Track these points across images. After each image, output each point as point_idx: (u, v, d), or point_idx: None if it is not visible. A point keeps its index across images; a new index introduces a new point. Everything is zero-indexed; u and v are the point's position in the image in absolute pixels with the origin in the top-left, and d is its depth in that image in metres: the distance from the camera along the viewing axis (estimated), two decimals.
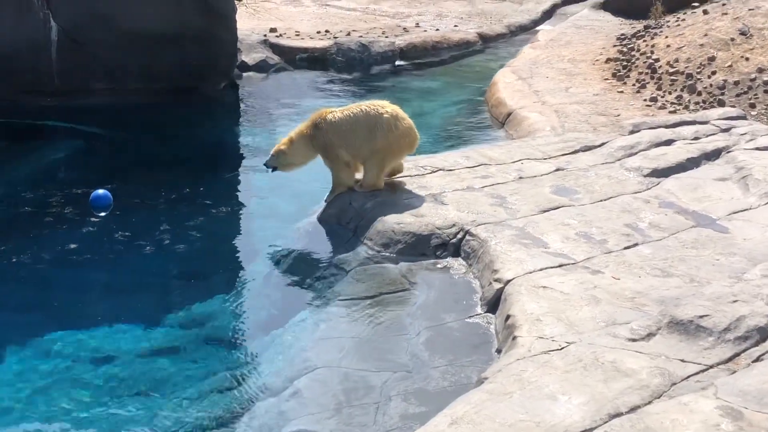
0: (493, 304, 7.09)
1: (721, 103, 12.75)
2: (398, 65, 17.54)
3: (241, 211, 10.66)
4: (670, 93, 13.39)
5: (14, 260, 9.00)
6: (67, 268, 8.94)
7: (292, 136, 9.08)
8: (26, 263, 8.99)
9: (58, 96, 14.02)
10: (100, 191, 10.07)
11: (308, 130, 9.00)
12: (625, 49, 15.31)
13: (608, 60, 15.15)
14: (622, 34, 16.45)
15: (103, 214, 9.95)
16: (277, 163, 9.16)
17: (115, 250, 9.27)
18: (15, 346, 7.53)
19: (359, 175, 9.03)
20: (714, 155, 10.04)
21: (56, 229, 9.69)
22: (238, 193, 11.34)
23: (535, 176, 9.30)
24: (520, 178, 9.26)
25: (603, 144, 10.32)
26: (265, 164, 9.31)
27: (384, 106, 8.89)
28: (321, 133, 8.91)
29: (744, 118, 11.54)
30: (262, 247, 9.23)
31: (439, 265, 7.90)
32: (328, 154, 8.99)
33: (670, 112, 12.71)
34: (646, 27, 16.25)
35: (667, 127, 10.92)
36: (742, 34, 13.98)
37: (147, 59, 14.23)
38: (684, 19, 15.62)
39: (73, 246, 9.28)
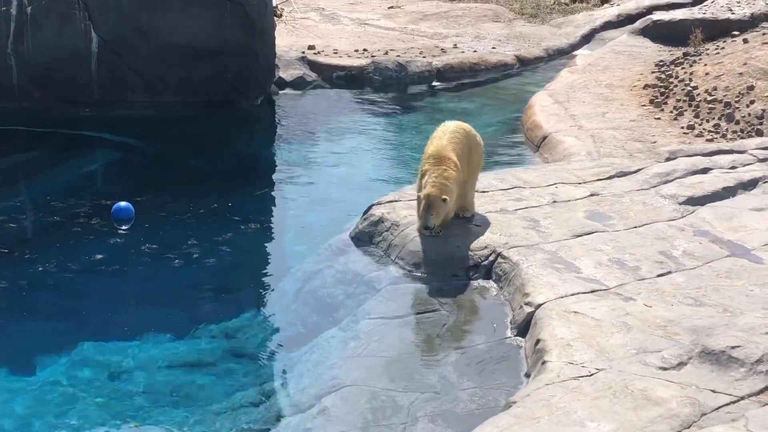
0: (523, 328, 7.05)
1: (759, 133, 12.65)
2: (435, 86, 17.55)
3: (273, 227, 10.70)
4: (707, 121, 13.30)
5: (46, 269, 9.08)
6: (98, 279, 9.01)
7: (445, 181, 8.10)
8: (58, 272, 9.06)
9: (96, 107, 14.16)
10: (122, 204, 10.10)
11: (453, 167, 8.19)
12: (663, 76, 15.24)
13: (646, 86, 15.08)
14: (661, 61, 16.37)
15: (125, 227, 10.00)
16: (433, 221, 8.18)
17: (145, 262, 9.33)
18: (45, 354, 7.60)
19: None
20: (751, 185, 9.96)
21: (88, 240, 9.76)
22: (271, 209, 11.38)
23: (569, 200, 9.25)
24: (554, 202, 9.22)
25: (639, 170, 10.26)
26: (427, 227, 8.21)
27: (458, 124, 8.80)
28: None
29: None
30: (293, 263, 9.26)
31: (470, 287, 7.88)
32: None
33: (708, 140, 12.63)
34: (685, 54, 16.16)
35: (703, 155, 10.84)
36: None
37: (185, 72, 14.35)
38: (723, 48, 15.53)
39: (104, 257, 9.35)
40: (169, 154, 12.90)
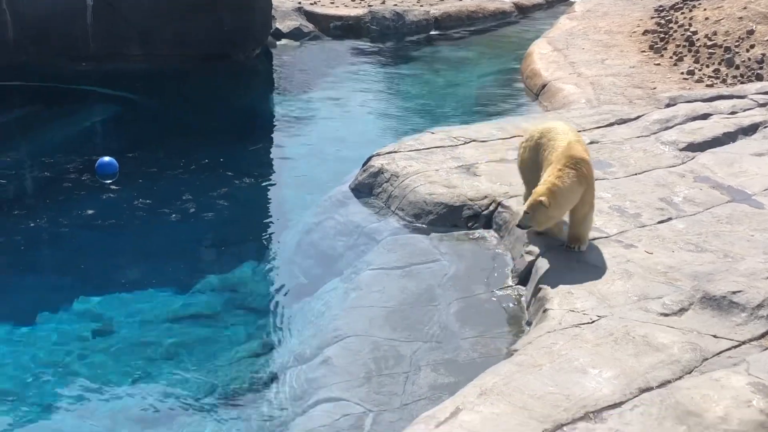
0: (524, 277, 7.05)
1: (759, 77, 12.59)
2: (433, 35, 17.44)
3: (273, 180, 10.67)
4: (707, 66, 13.23)
5: (45, 225, 9.09)
6: (97, 234, 9.01)
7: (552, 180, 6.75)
8: (57, 228, 9.07)
9: (92, 61, 14.08)
10: (106, 159, 10.08)
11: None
12: (662, 21, 15.14)
13: (645, 32, 14.98)
14: (660, 6, 16.25)
15: (109, 181, 9.98)
16: (532, 221, 6.85)
17: (144, 217, 9.32)
18: (46, 309, 7.62)
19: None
20: (751, 130, 9.93)
21: (86, 195, 9.75)
22: (270, 161, 11.35)
23: None
24: None
25: (639, 117, 10.22)
26: (518, 225, 7.00)
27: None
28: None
29: None
30: (294, 216, 9.25)
31: (470, 237, 7.87)
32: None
33: (707, 85, 12.57)
34: None
35: (703, 100, 10.80)
36: None
37: (181, 25, 14.24)
38: None
39: (102, 212, 9.34)
40: (166, 109, 12.85)
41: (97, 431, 6.24)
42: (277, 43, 16.02)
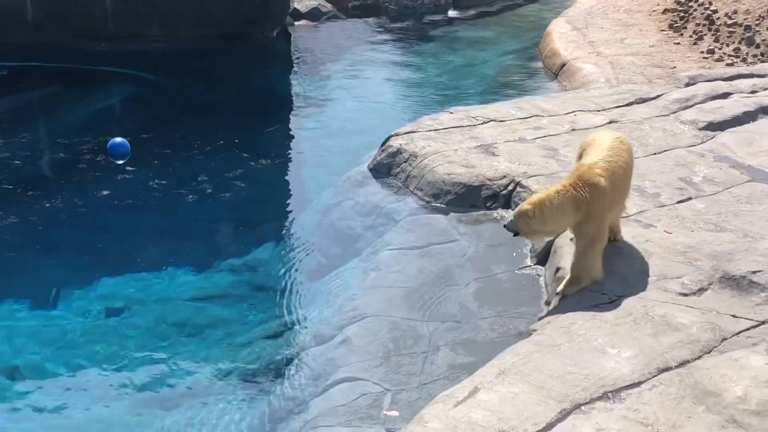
0: (542, 257, 7.05)
1: None
2: (451, 15, 17.38)
3: (291, 160, 10.69)
4: (727, 45, 13.15)
5: (65, 205, 9.14)
6: (117, 214, 9.07)
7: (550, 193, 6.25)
8: (77, 208, 9.12)
9: (112, 41, 14.12)
10: (118, 139, 10.11)
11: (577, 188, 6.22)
12: (682, 0, 15.03)
13: (665, 11, 14.88)
14: None
15: (121, 162, 10.02)
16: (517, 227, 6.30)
17: (164, 197, 9.36)
18: (68, 289, 7.68)
19: None
20: None
21: (106, 175, 9.80)
22: (288, 142, 11.36)
23: (588, 128, 9.19)
24: (573, 130, 9.16)
25: (658, 96, 10.18)
26: (504, 226, 6.49)
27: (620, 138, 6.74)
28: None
29: None
30: (313, 196, 9.27)
31: (489, 217, 7.87)
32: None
33: (728, 64, 12.49)
34: None
35: (723, 80, 10.73)
36: None
37: (200, 5, 14.26)
38: None
39: (123, 192, 9.39)
40: (186, 89, 12.87)
41: (118, 410, 6.29)
42: (296, 23, 16.02)
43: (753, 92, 10.33)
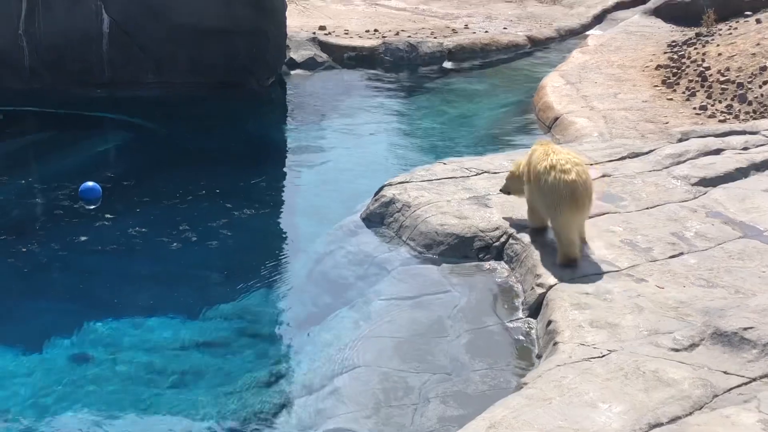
0: (534, 309, 7.05)
1: None
2: (446, 66, 17.49)
3: (284, 208, 10.69)
4: (720, 102, 13.24)
5: (57, 250, 9.10)
6: (109, 260, 9.03)
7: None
8: (66, 254, 9.08)
9: (108, 87, 14.17)
10: (89, 183, 10.11)
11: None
12: (675, 57, 15.16)
13: (658, 67, 15.01)
14: (673, 41, 16.30)
15: (92, 207, 10.01)
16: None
17: (156, 243, 9.33)
18: (56, 335, 7.62)
19: None
20: (763, 166, 9.89)
21: (100, 221, 9.78)
22: (282, 190, 11.37)
23: None
24: None
25: (651, 151, 10.22)
26: (500, 190, 8.43)
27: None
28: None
29: None
30: (305, 245, 9.26)
31: (481, 268, 7.87)
32: None
33: (720, 121, 12.57)
34: (697, 35, 16.08)
35: (716, 136, 10.79)
36: None
37: (196, 53, 14.34)
38: (736, 28, 15.44)
39: (115, 237, 9.36)
40: (181, 135, 12.90)
41: None
42: (291, 72, 16.09)
43: (745, 149, 10.38)
